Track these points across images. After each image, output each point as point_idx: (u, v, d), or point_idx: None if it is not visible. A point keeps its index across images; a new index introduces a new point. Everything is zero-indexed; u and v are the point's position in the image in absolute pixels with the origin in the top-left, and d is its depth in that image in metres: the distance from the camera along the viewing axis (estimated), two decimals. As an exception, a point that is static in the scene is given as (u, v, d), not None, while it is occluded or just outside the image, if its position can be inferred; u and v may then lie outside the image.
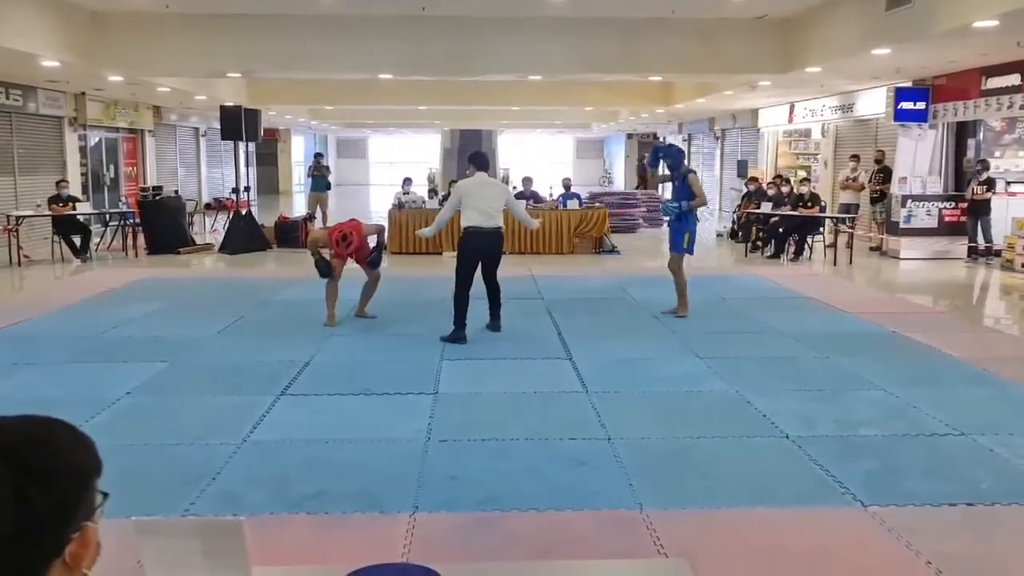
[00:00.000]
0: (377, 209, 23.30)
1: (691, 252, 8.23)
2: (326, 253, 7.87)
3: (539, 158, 40.05)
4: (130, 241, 14.02)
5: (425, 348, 6.96)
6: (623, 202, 18.54)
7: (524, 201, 13.40)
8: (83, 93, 16.76)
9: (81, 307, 8.87)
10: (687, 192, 7.97)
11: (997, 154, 14.17)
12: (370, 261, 8.11)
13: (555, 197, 15.56)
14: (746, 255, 14.20)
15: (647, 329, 7.77)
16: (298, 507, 3.85)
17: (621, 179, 37.69)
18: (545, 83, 18.55)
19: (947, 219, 13.34)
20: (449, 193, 17.07)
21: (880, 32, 10.37)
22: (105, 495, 1.13)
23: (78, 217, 13.46)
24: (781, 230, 13.87)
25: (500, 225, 7.25)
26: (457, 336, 7.08)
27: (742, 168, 21.81)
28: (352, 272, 8.23)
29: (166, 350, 6.82)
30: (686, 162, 8.55)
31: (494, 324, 7.55)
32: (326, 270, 7.82)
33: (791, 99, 19.06)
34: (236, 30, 12.92)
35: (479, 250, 7.22)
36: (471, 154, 7.76)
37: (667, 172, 8.50)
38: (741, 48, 13.19)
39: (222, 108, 14.64)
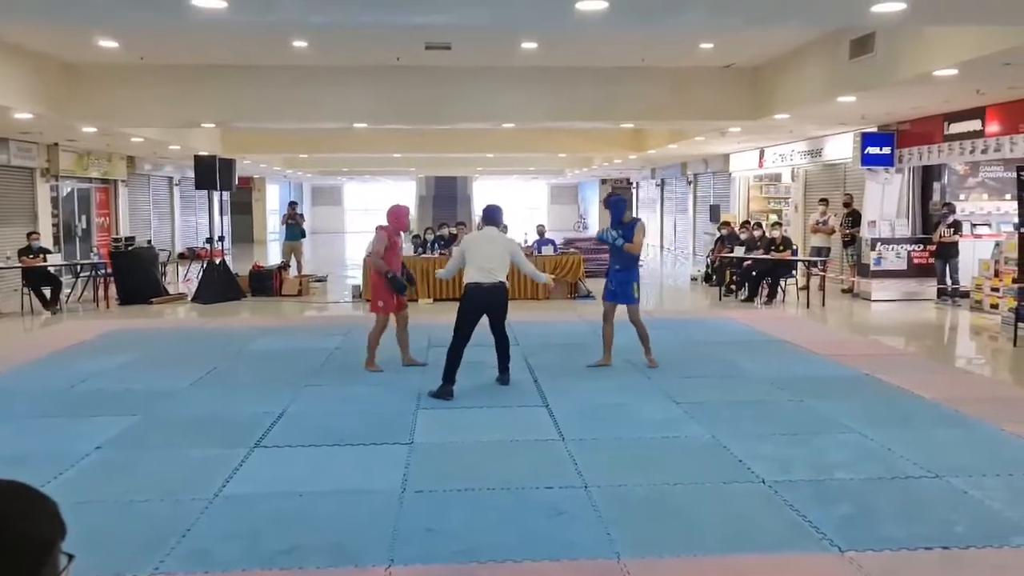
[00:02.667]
0: (352, 256, 23.30)
1: (638, 300, 8.05)
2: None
3: (514, 204, 40.32)
4: (101, 292, 13.89)
5: (401, 397, 6.91)
6: (598, 247, 18.66)
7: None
8: (56, 144, 16.72)
9: (50, 360, 8.74)
10: (631, 236, 7.82)
11: (962, 197, 14.49)
12: (409, 277, 8.37)
13: (530, 243, 15.65)
14: (720, 299, 14.31)
15: (623, 374, 7.77)
16: (271, 563, 3.78)
17: (595, 224, 38.00)
18: (519, 130, 18.78)
19: (916, 261, 13.56)
20: (417, 235, 17.13)
21: (845, 80, 10.64)
22: (70, 557, 1.11)
23: (48, 269, 13.33)
24: (754, 273, 14.02)
25: (500, 281, 7.18)
26: (444, 391, 6.92)
27: (714, 212, 22.10)
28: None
29: (137, 403, 6.72)
30: (632, 212, 8.27)
31: (503, 377, 7.42)
32: (404, 284, 7.97)
33: (761, 144, 19.42)
34: (210, 81, 13.01)
35: (478, 306, 7.17)
36: (485, 208, 7.76)
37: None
38: (711, 95, 13.48)
39: (196, 158, 14.66)
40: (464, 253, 7.35)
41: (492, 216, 7.58)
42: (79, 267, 14.93)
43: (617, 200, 8.14)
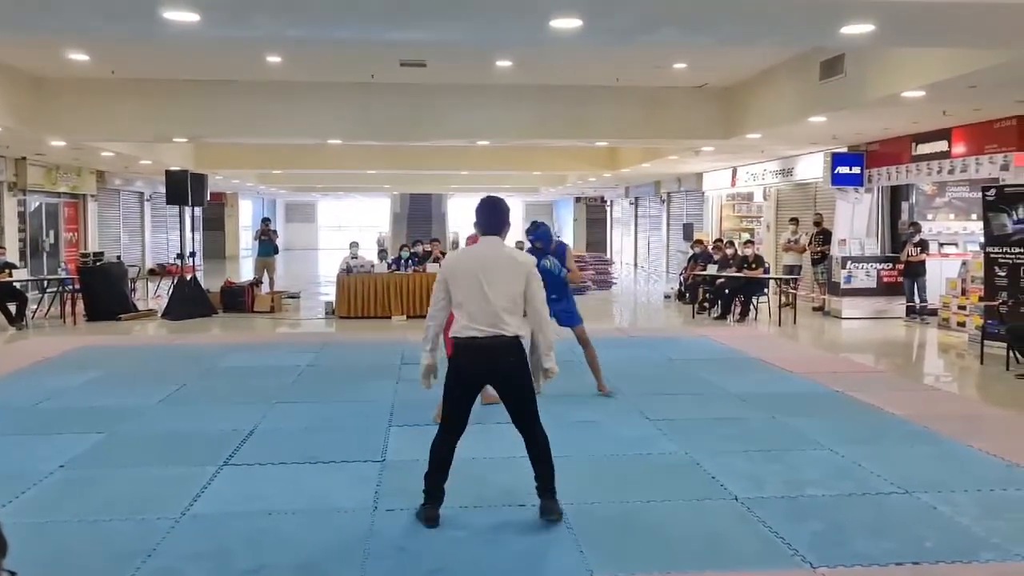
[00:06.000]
0: (326, 274, 23.17)
1: (582, 320, 7.71)
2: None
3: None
4: (69, 308, 13.67)
5: (373, 414, 6.85)
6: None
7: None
8: (24, 158, 16.51)
9: (15, 377, 8.58)
10: (564, 264, 7.54)
11: (929, 216, 14.72)
12: None
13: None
14: (693, 316, 14.39)
15: (596, 391, 7.75)
16: (238, 583, 3.71)
17: (570, 242, 38.16)
18: (494, 148, 18.83)
19: (885, 280, 13.73)
20: (384, 250, 16.80)
21: (815, 101, 10.79)
22: (12, 574, 1.07)
23: (14, 284, 13.11)
24: (727, 291, 14.11)
25: (504, 332, 4.28)
26: (425, 514, 4.39)
27: (688, 231, 22.27)
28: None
29: (103, 421, 6.61)
30: (557, 236, 7.88)
31: (546, 503, 4.42)
32: None
33: (734, 163, 19.62)
34: (183, 95, 12.92)
35: (468, 375, 4.38)
36: (479, 203, 4.62)
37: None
38: (684, 115, 13.61)
39: (168, 172, 14.53)
40: (447, 286, 4.41)
41: (495, 217, 4.54)
42: (46, 282, 14.71)
43: (547, 230, 7.61)
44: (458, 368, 4.38)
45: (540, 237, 7.45)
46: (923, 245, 13.24)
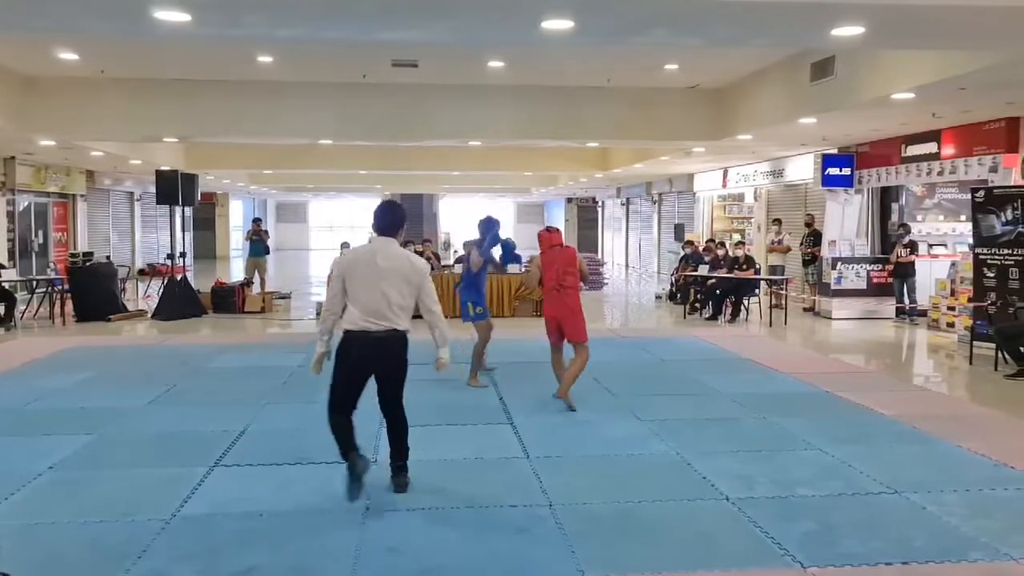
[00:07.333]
0: (317, 274, 23.13)
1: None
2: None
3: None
4: (58, 308, 13.60)
5: (363, 414, 6.81)
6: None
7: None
8: (12, 157, 16.43)
9: (3, 378, 8.52)
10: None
11: (919, 218, 14.78)
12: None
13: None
14: (685, 317, 14.41)
15: (588, 392, 7.75)
16: (229, 584, 3.70)
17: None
18: (485, 148, 18.83)
19: (875, 280, 13.79)
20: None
21: (805, 102, 10.84)
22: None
23: (3, 284, 13.03)
24: (718, 292, 14.14)
25: (396, 326, 4.71)
26: (352, 469, 4.63)
27: (679, 231, 22.31)
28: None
29: (93, 422, 6.57)
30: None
31: (397, 478, 4.98)
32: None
33: (725, 164, 19.67)
34: (173, 94, 12.87)
35: (361, 365, 4.75)
36: (379, 206, 5.03)
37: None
38: (675, 116, 13.64)
39: (158, 172, 14.46)
40: (344, 282, 4.78)
41: (390, 219, 4.90)
42: (35, 283, 14.63)
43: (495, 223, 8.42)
44: (349, 356, 4.74)
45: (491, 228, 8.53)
46: (912, 246, 13.30)
